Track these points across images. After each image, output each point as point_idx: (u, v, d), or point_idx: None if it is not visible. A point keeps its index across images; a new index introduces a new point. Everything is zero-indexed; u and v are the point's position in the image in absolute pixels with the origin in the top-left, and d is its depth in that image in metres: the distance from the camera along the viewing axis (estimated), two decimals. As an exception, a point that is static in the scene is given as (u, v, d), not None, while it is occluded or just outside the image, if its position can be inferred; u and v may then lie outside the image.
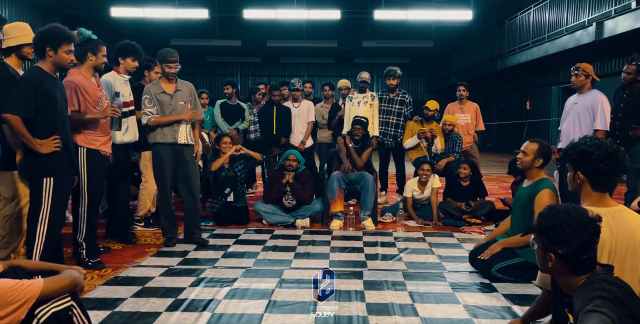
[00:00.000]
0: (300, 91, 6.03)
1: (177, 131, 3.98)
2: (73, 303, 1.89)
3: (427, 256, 3.87)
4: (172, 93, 3.96)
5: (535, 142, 3.23)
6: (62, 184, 2.97)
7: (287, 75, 21.50)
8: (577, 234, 1.62)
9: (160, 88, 3.96)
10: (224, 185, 5.00)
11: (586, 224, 1.64)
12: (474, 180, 5.23)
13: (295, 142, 5.92)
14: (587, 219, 1.65)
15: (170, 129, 3.97)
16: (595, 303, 1.49)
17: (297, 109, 5.95)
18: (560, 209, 1.70)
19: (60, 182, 2.95)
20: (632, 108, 4.47)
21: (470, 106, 6.25)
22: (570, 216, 1.65)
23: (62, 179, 2.98)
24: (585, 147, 1.99)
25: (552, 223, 1.67)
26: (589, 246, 1.64)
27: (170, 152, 4.01)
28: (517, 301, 2.88)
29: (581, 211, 1.68)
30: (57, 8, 14.21)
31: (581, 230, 1.63)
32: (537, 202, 3.11)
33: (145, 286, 3.09)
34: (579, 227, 1.63)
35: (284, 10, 15.33)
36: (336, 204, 4.87)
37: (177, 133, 3.98)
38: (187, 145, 4.04)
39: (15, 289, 1.70)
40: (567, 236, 1.63)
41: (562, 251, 1.64)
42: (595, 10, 9.44)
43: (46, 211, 2.88)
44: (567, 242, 1.63)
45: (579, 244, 1.63)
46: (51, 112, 2.89)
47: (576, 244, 1.63)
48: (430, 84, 22.77)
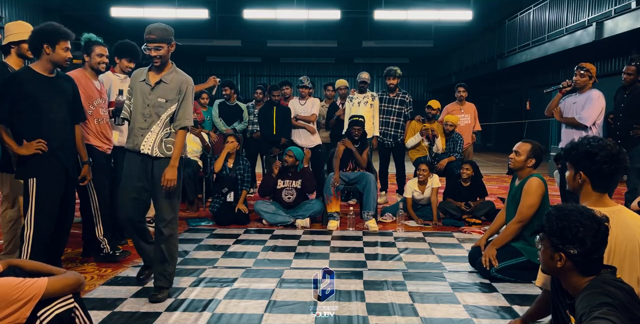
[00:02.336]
0: (308, 89, 6.01)
1: (142, 136, 2.88)
2: (76, 305, 1.88)
3: (427, 256, 3.87)
4: (152, 84, 2.88)
5: (528, 142, 3.30)
6: (47, 186, 2.89)
7: (287, 76, 21.50)
8: (592, 233, 1.63)
9: (144, 75, 2.92)
10: (222, 185, 5.00)
11: (598, 223, 1.65)
12: (475, 180, 5.24)
13: (302, 141, 5.88)
14: (598, 219, 1.66)
15: (134, 130, 2.92)
16: (603, 311, 1.48)
17: (303, 107, 5.92)
18: (571, 209, 1.69)
19: (43, 184, 2.87)
20: (632, 108, 4.48)
21: (470, 107, 6.27)
22: (583, 216, 1.65)
23: (47, 180, 2.89)
24: (590, 148, 1.98)
25: (565, 223, 1.66)
26: (601, 245, 1.64)
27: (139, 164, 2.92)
28: (517, 301, 2.88)
29: (590, 211, 1.69)
30: (57, 8, 14.21)
31: (595, 229, 1.63)
32: (525, 190, 3.20)
33: (145, 286, 3.09)
34: (593, 226, 1.63)
35: (284, 10, 15.32)
36: (332, 205, 4.86)
37: (141, 138, 2.88)
38: (157, 158, 2.88)
39: (20, 287, 1.70)
40: (581, 236, 1.63)
41: (575, 251, 1.64)
42: (595, 10, 9.44)
43: (32, 213, 2.84)
44: (582, 241, 1.63)
45: (593, 244, 1.63)
46: (34, 114, 2.85)
47: (590, 244, 1.63)
48: (430, 84, 22.77)
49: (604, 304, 1.52)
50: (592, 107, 4.11)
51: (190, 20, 16.23)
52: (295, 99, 6.11)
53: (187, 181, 5.40)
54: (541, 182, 3.20)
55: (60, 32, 2.87)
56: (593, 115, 4.12)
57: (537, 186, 3.17)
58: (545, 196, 3.21)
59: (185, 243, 4.14)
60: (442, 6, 15.70)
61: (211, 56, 21.74)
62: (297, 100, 6.03)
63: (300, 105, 5.94)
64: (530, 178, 3.22)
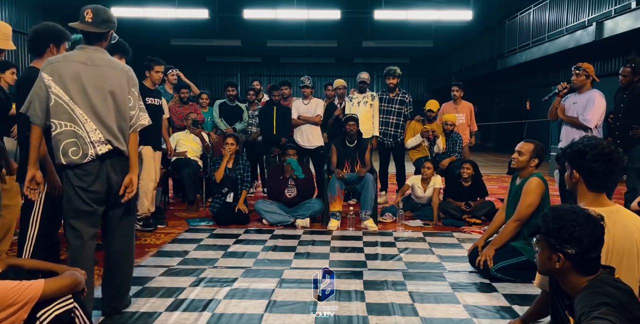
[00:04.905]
0: (310, 88, 6.00)
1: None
2: (75, 305, 1.88)
3: (427, 256, 3.87)
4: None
5: (531, 142, 3.31)
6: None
7: (287, 76, 21.51)
8: (588, 232, 1.63)
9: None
10: (222, 185, 5.01)
11: (594, 222, 1.66)
12: (475, 180, 5.24)
13: (303, 141, 5.86)
14: (593, 218, 1.67)
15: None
16: (602, 311, 1.49)
17: (306, 106, 5.91)
18: (566, 209, 1.70)
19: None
20: (632, 108, 4.47)
21: (465, 106, 6.26)
22: (578, 216, 1.66)
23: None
24: (582, 147, 2.01)
25: (561, 223, 1.67)
26: (598, 244, 1.65)
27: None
28: (517, 301, 2.89)
29: (585, 210, 1.69)
30: (57, 8, 14.20)
31: (591, 228, 1.64)
32: (525, 189, 3.21)
33: (145, 286, 3.09)
34: (589, 225, 1.64)
35: (284, 10, 15.32)
36: (335, 204, 4.87)
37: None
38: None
39: (16, 291, 1.70)
40: (578, 235, 1.63)
41: (572, 251, 1.65)
42: (595, 10, 9.44)
43: (37, 214, 2.85)
44: (579, 240, 1.63)
45: (590, 243, 1.63)
46: None
47: (587, 243, 1.63)
48: (430, 84, 22.76)
49: (602, 304, 1.52)
50: (595, 109, 4.10)
51: (190, 20, 16.23)
52: (299, 99, 6.10)
53: (187, 181, 5.41)
54: (541, 182, 3.20)
55: (65, 33, 2.92)
56: (596, 117, 4.12)
57: (536, 185, 3.18)
58: (545, 195, 3.21)
59: (185, 243, 4.14)
60: (442, 6, 15.69)
61: (211, 56, 21.74)
62: (300, 100, 6.02)
63: (304, 105, 5.93)
64: (531, 178, 3.22)
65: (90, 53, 2.46)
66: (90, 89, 2.41)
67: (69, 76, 2.38)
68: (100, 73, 2.44)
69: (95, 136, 2.41)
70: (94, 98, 2.41)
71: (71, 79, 2.38)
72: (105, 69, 2.46)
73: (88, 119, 2.40)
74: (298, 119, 5.85)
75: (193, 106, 6.09)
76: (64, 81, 2.37)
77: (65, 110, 2.38)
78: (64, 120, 2.38)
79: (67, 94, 2.38)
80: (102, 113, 2.42)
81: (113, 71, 2.48)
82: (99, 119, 2.42)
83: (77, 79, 2.39)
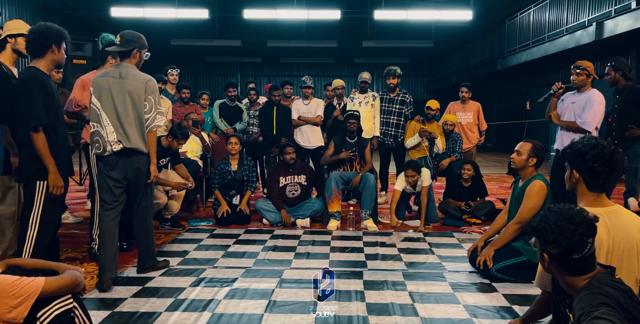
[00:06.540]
0: (311, 88, 5.99)
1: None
2: (75, 304, 1.88)
3: (427, 256, 3.87)
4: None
5: (529, 142, 3.30)
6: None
7: (287, 76, 21.51)
8: (566, 235, 1.63)
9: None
10: (230, 187, 5.01)
11: (577, 224, 1.64)
12: (475, 180, 5.24)
13: (303, 141, 5.87)
14: (579, 219, 1.65)
15: None
16: (602, 311, 1.49)
17: (306, 107, 5.90)
18: (553, 210, 1.71)
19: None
20: (625, 107, 4.44)
21: (473, 105, 6.25)
22: (560, 217, 1.66)
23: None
24: (582, 147, 2.01)
25: (543, 224, 1.69)
26: (579, 246, 1.64)
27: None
28: (517, 301, 2.89)
29: (575, 211, 1.69)
30: (57, 8, 14.21)
31: (570, 230, 1.63)
32: (528, 191, 3.19)
33: (145, 286, 3.10)
34: (568, 227, 1.64)
35: (284, 10, 15.33)
36: (333, 204, 4.86)
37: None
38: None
39: (17, 285, 1.71)
40: (555, 237, 1.65)
41: (552, 251, 1.67)
42: (595, 10, 9.45)
43: (37, 214, 2.86)
44: (556, 242, 1.65)
45: (568, 245, 1.63)
46: (52, 116, 2.85)
47: (565, 245, 1.64)
48: (431, 84, 22.77)
49: (602, 305, 1.52)
50: (594, 112, 3.95)
51: (190, 20, 16.24)
52: (299, 99, 6.10)
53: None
54: (544, 185, 3.17)
55: (65, 34, 2.93)
56: (595, 120, 3.97)
57: (539, 189, 3.15)
58: (548, 198, 3.19)
59: (185, 243, 4.14)
60: (442, 6, 15.70)
61: (211, 56, 21.74)
62: (300, 100, 6.02)
63: (304, 105, 5.93)
64: (534, 180, 3.20)
65: (121, 69, 3.10)
66: (115, 97, 3.04)
67: (104, 88, 3.05)
68: (125, 85, 3.05)
69: (111, 137, 3.03)
70: (117, 105, 3.04)
71: (105, 90, 3.05)
72: (129, 82, 3.06)
73: (109, 123, 3.04)
74: (298, 120, 5.85)
75: (193, 106, 6.09)
76: (98, 92, 3.06)
77: (96, 114, 3.05)
78: (95, 122, 3.07)
79: (99, 102, 3.06)
80: (122, 118, 3.03)
81: (134, 82, 3.07)
82: (117, 123, 3.04)
83: (108, 90, 3.04)
